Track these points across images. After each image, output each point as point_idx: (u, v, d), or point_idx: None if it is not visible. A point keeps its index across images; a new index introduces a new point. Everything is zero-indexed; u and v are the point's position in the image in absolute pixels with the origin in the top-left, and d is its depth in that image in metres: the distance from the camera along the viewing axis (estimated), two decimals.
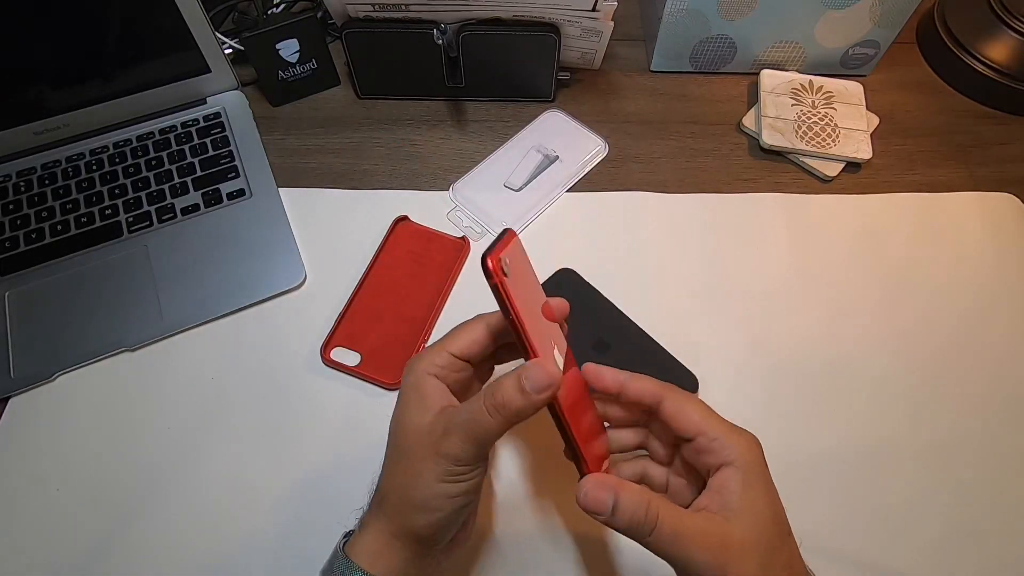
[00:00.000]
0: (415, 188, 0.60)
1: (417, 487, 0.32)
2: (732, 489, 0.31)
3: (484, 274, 0.30)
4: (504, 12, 0.58)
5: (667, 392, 0.34)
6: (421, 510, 0.32)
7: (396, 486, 0.34)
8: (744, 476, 0.31)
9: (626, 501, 0.30)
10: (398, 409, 0.35)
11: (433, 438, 0.32)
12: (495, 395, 0.31)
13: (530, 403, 0.30)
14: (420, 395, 0.34)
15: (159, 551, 0.45)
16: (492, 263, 0.29)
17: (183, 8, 0.56)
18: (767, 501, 0.32)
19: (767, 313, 0.54)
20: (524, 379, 0.30)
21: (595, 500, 0.31)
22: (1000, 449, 0.48)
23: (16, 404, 0.50)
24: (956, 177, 0.62)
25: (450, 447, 0.31)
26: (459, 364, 0.34)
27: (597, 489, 0.31)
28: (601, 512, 0.30)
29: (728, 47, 0.66)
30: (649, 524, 0.30)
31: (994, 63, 0.65)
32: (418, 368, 0.34)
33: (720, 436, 0.32)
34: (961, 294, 0.55)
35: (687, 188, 0.60)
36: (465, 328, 0.35)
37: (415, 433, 0.33)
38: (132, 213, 0.57)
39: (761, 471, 0.32)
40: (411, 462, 0.33)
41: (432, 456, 0.32)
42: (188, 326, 0.52)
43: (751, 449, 0.32)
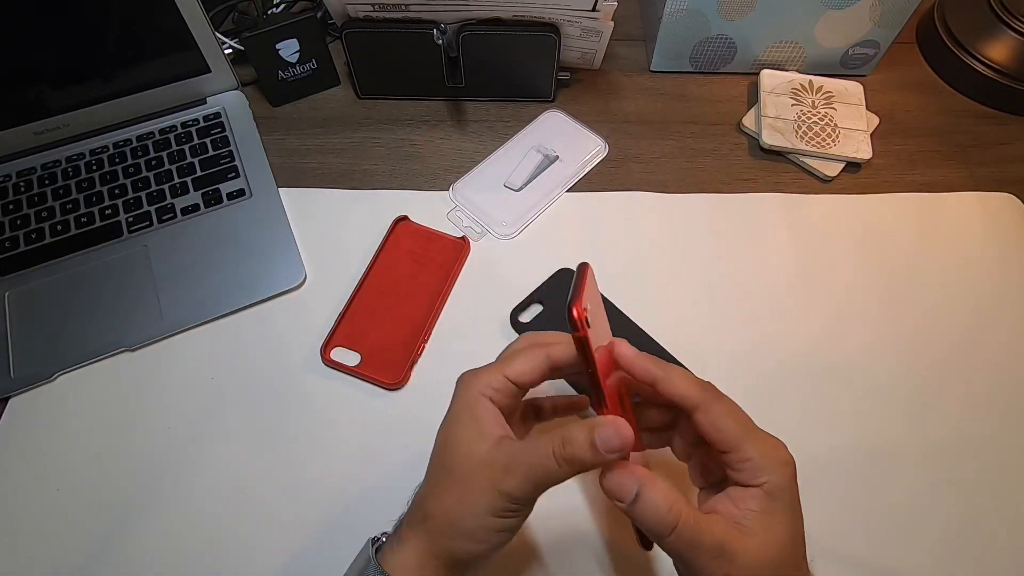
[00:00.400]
0: (415, 188, 0.60)
1: (467, 516, 0.32)
2: (752, 508, 0.30)
3: (570, 326, 0.28)
4: (504, 12, 0.58)
5: (705, 399, 0.32)
6: (467, 539, 0.32)
7: (444, 509, 0.33)
8: (769, 502, 0.31)
9: (650, 495, 0.30)
10: (451, 427, 0.34)
11: (492, 471, 0.31)
12: (566, 448, 0.30)
13: (600, 461, 0.30)
14: (475, 418, 0.33)
15: (159, 551, 0.45)
16: (578, 314, 0.28)
17: (183, 8, 0.56)
18: (787, 528, 0.31)
19: (767, 313, 0.54)
20: (598, 438, 0.30)
21: (618, 486, 0.30)
22: (1002, 448, 0.48)
23: (16, 404, 0.50)
24: (956, 177, 0.62)
25: (510, 487, 0.31)
26: (513, 389, 0.34)
27: (623, 474, 0.30)
28: (623, 499, 0.30)
29: (728, 47, 0.66)
30: (668, 526, 0.29)
31: (994, 63, 0.65)
32: (474, 388, 0.34)
33: (753, 457, 0.31)
34: (961, 294, 0.55)
35: (687, 188, 0.60)
36: (525, 355, 0.34)
37: (470, 460, 0.32)
38: (132, 213, 0.57)
39: (788, 497, 0.31)
40: (464, 490, 0.32)
41: (489, 490, 0.31)
42: (188, 326, 0.52)
43: (784, 474, 0.31)
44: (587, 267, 0.31)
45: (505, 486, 0.31)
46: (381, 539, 0.36)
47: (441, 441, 0.34)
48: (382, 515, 0.37)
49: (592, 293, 0.31)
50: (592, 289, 0.31)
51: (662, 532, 0.30)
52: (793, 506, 0.31)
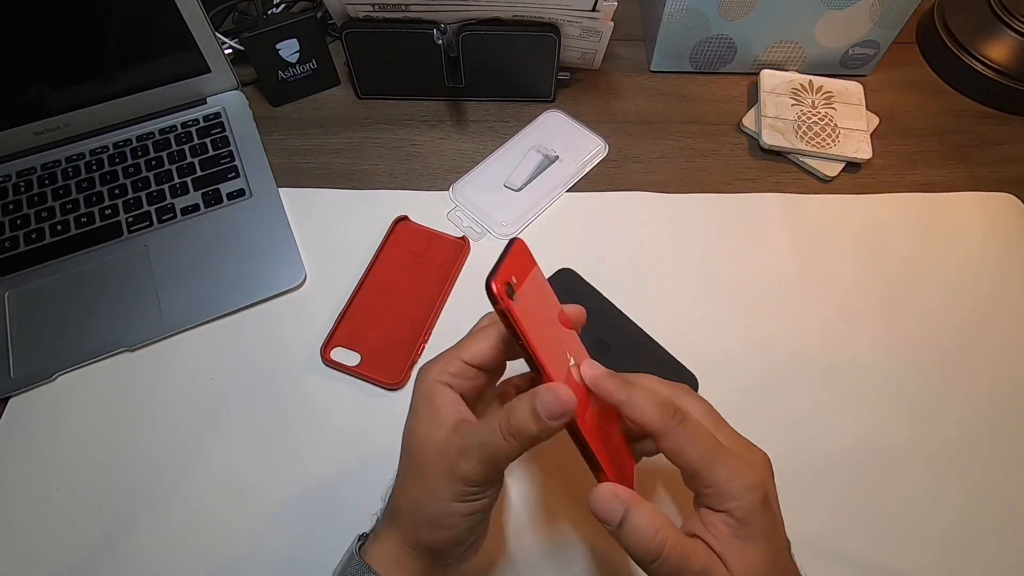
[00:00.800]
0: (415, 188, 0.60)
1: (430, 505, 0.32)
2: (724, 533, 0.30)
3: (489, 300, 0.28)
4: (504, 12, 0.58)
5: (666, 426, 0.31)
6: (434, 527, 0.32)
7: (409, 501, 0.33)
8: (740, 527, 0.30)
9: (635, 520, 0.29)
10: (410, 420, 0.34)
11: (448, 456, 0.31)
12: (510, 420, 0.30)
13: (545, 429, 0.30)
14: (432, 407, 0.33)
15: (159, 550, 0.45)
16: (496, 287, 0.28)
17: (183, 8, 0.56)
18: (763, 554, 0.30)
19: (767, 313, 0.54)
20: (539, 405, 0.29)
21: (605, 509, 0.30)
22: (1003, 447, 0.48)
23: (16, 404, 0.50)
24: (956, 177, 0.62)
25: (465, 469, 0.31)
26: (472, 371, 0.34)
27: (609, 498, 0.30)
28: (608, 522, 0.30)
29: (728, 47, 0.66)
30: (654, 552, 0.29)
31: (994, 63, 0.65)
32: (429, 377, 0.34)
33: (715, 484, 0.30)
34: (961, 294, 0.55)
35: (687, 188, 0.60)
36: (478, 334, 0.34)
37: (429, 449, 0.32)
38: (132, 213, 0.57)
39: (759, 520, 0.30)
40: (425, 479, 0.32)
41: (447, 476, 0.31)
42: (188, 326, 0.52)
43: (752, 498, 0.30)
44: (517, 241, 0.31)
45: (459, 470, 0.31)
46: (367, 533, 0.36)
47: (404, 436, 0.34)
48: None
49: (525, 267, 0.31)
50: (524, 263, 0.31)
51: (647, 558, 0.29)
52: (767, 529, 0.30)
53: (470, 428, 0.32)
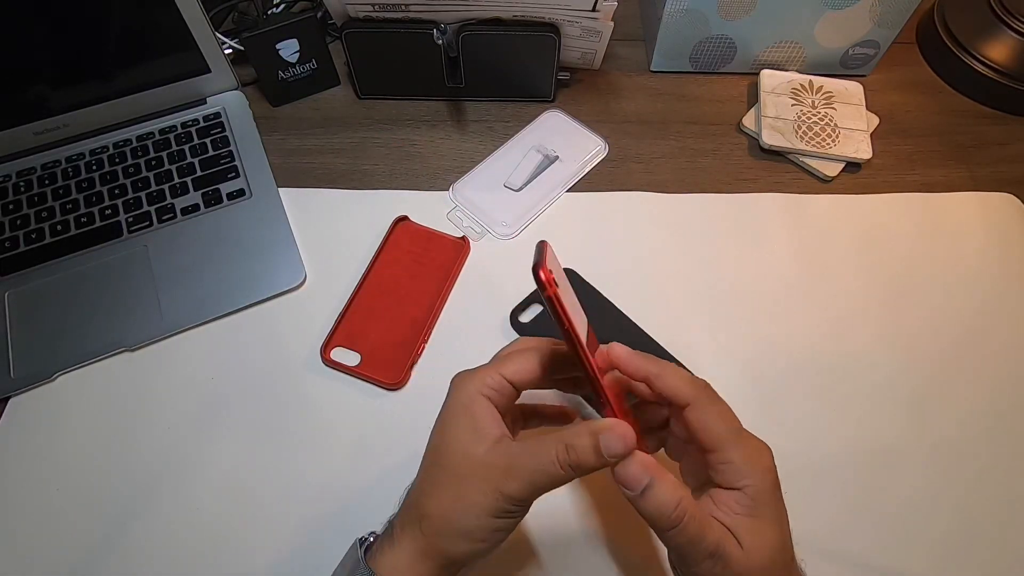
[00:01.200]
0: (415, 188, 0.60)
1: (467, 517, 0.32)
2: (738, 512, 0.31)
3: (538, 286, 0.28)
4: (504, 12, 0.58)
5: (698, 397, 0.32)
6: (465, 539, 0.32)
7: (442, 510, 0.32)
8: (753, 504, 0.31)
9: (659, 490, 0.30)
10: (447, 427, 0.34)
11: (492, 473, 0.31)
12: (571, 454, 0.30)
13: (604, 465, 0.30)
14: (473, 418, 0.33)
15: (159, 550, 0.45)
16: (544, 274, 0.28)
17: (183, 8, 0.56)
18: (774, 531, 0.31)
19: (767, 313, 0.54)
20: (602, 443, 0.30)
21: (631, 476, 0.30)
22: (1003, 448, 0.48)
23: (16, 404, 0.50)
24: (956, 177, 0.62)
25: (512, 489, 0.31)
26: (509, 389, 0.34)
27: (636, 466, 0.30)
28: (632, 489, 0.30)
29: (728, 47, 0.66)
30: (673, 521, 0.30)
31: (994, 63, 0.65)
32: (471, 387, 0.33)
33: (734, 461, 0.31)
34: (962, 294, 0.55)
35: (687, 188, 0.60)
36: (520, 355, 0.34)
37: (469, 461, 0.32)
38: (132, 213, 0.57)
39: (771, 501, 0.31)
40: (464, 491, 0.32)
41: (490, 492, 0.31)
42: (188, 326, 0.52)
43: (764, 479, 0.31)
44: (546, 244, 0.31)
45: (507, 488, 0.31)
46: (369, 539, 0.36)
47: (437, 440, 0.34)
48: (381, 514, 0.37)
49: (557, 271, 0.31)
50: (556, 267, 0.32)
51: (665, 526, 0.30)
52: (777, 511, 0.32)
53: (518, 448, 0.32)
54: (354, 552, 0.35)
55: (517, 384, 0.34)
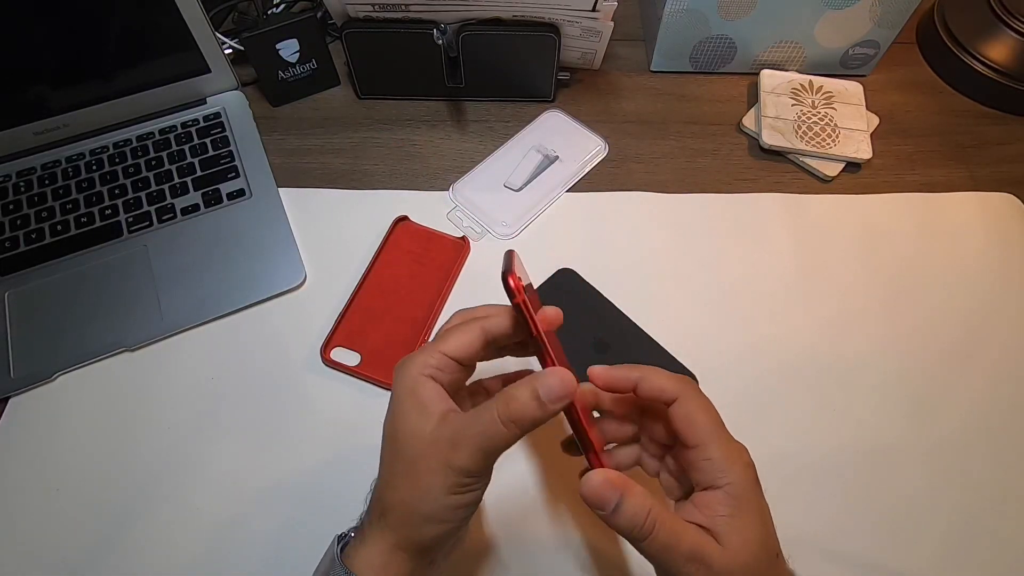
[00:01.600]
0: (415, 188, 0.60)
1: (425, 500, 0.31)
2: (719, 512, 0.31)
3: (507, 294, 0.29)
4: (504, 12, 0.58)
5: (684, 391, 0.33)
6: (430, 522, 0.32)
7: (401, 498, 0.32)
8: (734, 502, 0.31)
9: (629, 504, 0.30)
10: (394, 414, 0.33)
11: (440, 448, 0.31)
12: (511, 407, 0.30)
13: (547, 413, 0.30)
14: (418, 399, 0.32)
15: (158, 550, 0.45)
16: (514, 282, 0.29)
17: (183, 8, 0.56)
18: (755, 528, 0.31)
19: (767, 313, 0.54)
20: (540, 388, 0.30)
21: (600, 497, 0.30)
22: (1003, 448, 0.48)
23: (16, 404, 0.50)
24: (956, 177, 0.62)
25: (461, 460, 0.30)
26: (453, 365, 0.33)
27: (604, 487, 0.30)
28: (603, 508, 0.30)
29: (728, 47, 0.66)
30: (646, 531, 0.30)
31: (994, 63, 0.65)
32: (412, 370, 0.33)
33: (715, 458, 0.31)
34: (962, 294, 0.55)
35: (687, 188, 0.60)
36: (460, 330, 0.34)
37: (418, 442, 0.31)
38: (132, 213, 0.57)
39: (752, 498, 0.31)
40: (417, 474, 0.31)
41: (441, 469, 0.31)
42: (188, 326, 0.52)
43: (744, 476, 0.32)
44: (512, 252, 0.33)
45: (456, 461, 0.30)
46: (349, 535, 0.35)
47: (388, 431, 0.34)
48: None
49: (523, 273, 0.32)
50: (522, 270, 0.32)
51: (639, 537, 0.30)
52: (759, 507, 0.32)
53: (461, 418, 0.32)
54: (331, 550, 0.34)
55: (460, 359, 0.33)
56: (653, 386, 0.33)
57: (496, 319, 0.34)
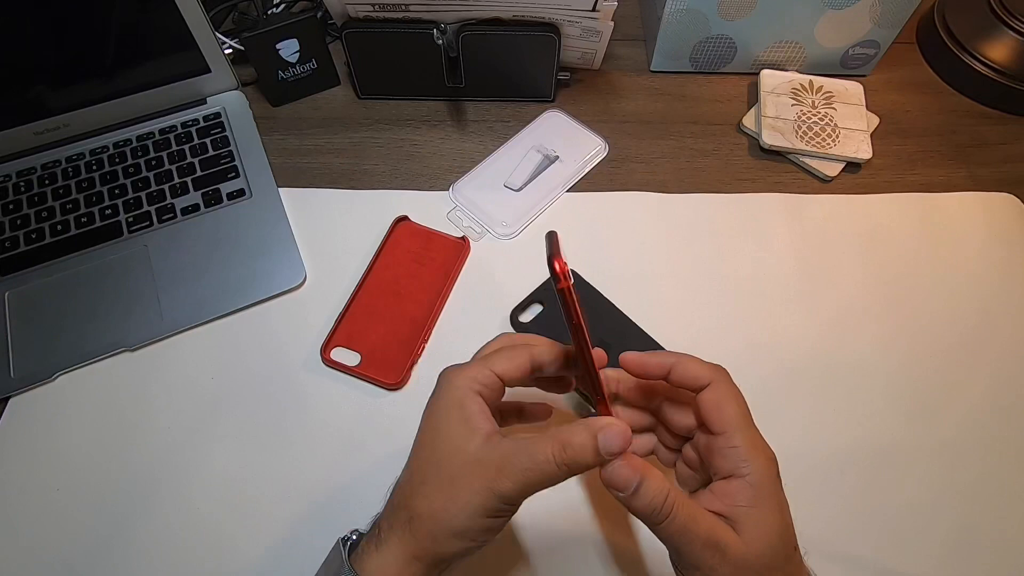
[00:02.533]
0: (415, 188, 0.60)
1: (459, 517, 0.31)
2: (739, 502, 0.31)
3: (552, 279, 0.28)
4: (504, 12, 0.58)
5: (717, 376, 0.33)
6: (458, 539, 0.31)
7: (433, 510, 0.31)
8: (755, 492, 0.31)
9: (648, 486, 0.30)
10: (438, 422, 0.33)
11: (485, 471, 0.31)
12: (567, 452, 0.30)
13: (600, 463, 0.30)
14: (464, 414, 0.32)
15: (158, 550, 0.45)
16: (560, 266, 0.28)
17: (183, 8, 0.56)
18: (775, 520, 0.31)
19: (767, 313, 0.54)
20: (601, 442, 0.30)
21: (621, 478, 0.30)
22: (1005, 448, 0.48)
23: (16, 404, 0.50)
24: (956, 177, 0.62)
25: (505, 487, 0.30)
26: (499, 385, 0.33)
27: (625, 468, 0.31)
28: (623, 490, 0.31)
29: (728, 47, 0.66)
30: (664, 514, 0.30)
31: (994, 63, 0.65)
32: (462, 382, 0.33)
33: (740, 446, 0.32)
34: (962, 294, 0.55)
35: (687, 188, 0.60)
36: (510, 354, 0.34)
37: (461, 457, 0.31)
38: (132, 213, 0.57)
39: (772, 490, 0.32)
40: (456, 490, 0.31)
41: (483, 491, 0.30)
42: (188, 326, 0.52)
43: (767, 468, 0.32)
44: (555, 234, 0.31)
45: (500, 487, 0.30)
46: (351, 537, 0.35)
47: (427, 435, 0.33)
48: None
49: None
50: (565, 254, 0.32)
51: (657, 520, 0.30)
52: (779, 499, 0.32)
53: (510, 445, 0.31)
54: (338, 553, 0.34)
55: (507, 381, 0.34)
56: (687, 372, 0.33)
57: (544, 348, 0.34)
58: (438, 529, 0.31)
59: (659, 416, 0.37)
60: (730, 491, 0.31)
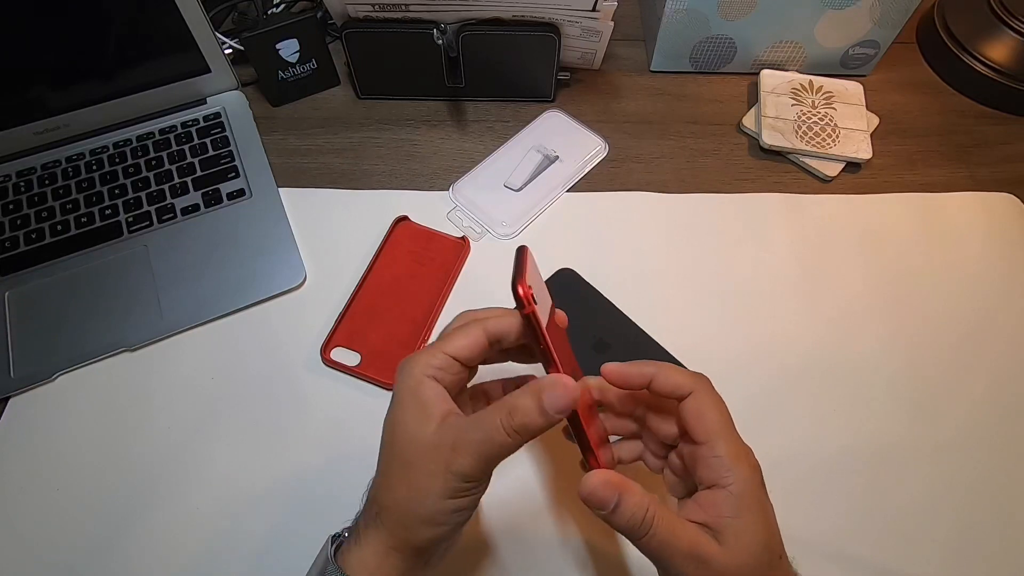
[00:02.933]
0: (415, 188, 0.60)
1: (423, 503, 0.31)
2: (723, 513, 0.31)
3: (516, 304, 0.29)
4: (504, 12, 0.58)
5: (698, 386, 0.33)
6: (427, 524, 0.31)
7: (398, 499, 0.32)
8: (738, 502, 0.31)
9: (628, 503, 0.30)
10: (395, 414, 0.33)
11: (441, 453, 0.31)
12: (515, 418, 0.30)
13: (550, 422, 0.30)
14: (420, 401, 0.32)
15: (158, 550, 0.45)
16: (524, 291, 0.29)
17: (183, 8, 0.56)
18: (758, 529, 0.31)
19: (767, 313, 0.54)
20: (545, 399, 0.30)
21: (599, 497, 0.31)
22: (1005, 448, 0.48)
23: (16, 404, 0.50)
24: (956, 177, 0.62)
25: (461, 465, 0.30)
26: (456, 366, 0.33)
27: (603, 487, 0.31)
28: (603, 508, 0.31)
29: (728, 47, 0.66)
30: (644, 529, 0.30)
31: (994, 63, 0.65)
32: (415, 370, 0.33)
33: (723, 456, 0.32)
34: (961, 294, 0.55)
35: (687, 188, 0.60)
36: (463, 331, 0.34)
37: (419, 444, 0.31)
38: (132, 213, 0.57)
39: (755, 499, 0.32)
40: (416, 476, 0.31)
41: (440, 472, 0.30)
42: (188, 326, 0.52)
43: (751, 476, 0.32)
44: (526, 249, 0.32)
45: (456, 466, 0.30)
46: (343, 535, 0.35)
47: (388, 430, 0.33)
48: None
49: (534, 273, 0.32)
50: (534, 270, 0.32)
51: (638, 535, 0.30)
52: (763, 508, 0.32)
53: (463, 422, 0.31)
54: (325, 549, 0.34)
55: (463, 360, 0.33)
56: (668, 382, 0.33)
57: (499, 320, 0.33)
58: (405, 518, 0.32)
59: (644, 424, 0.37)
60: (714, 501, 0.31)
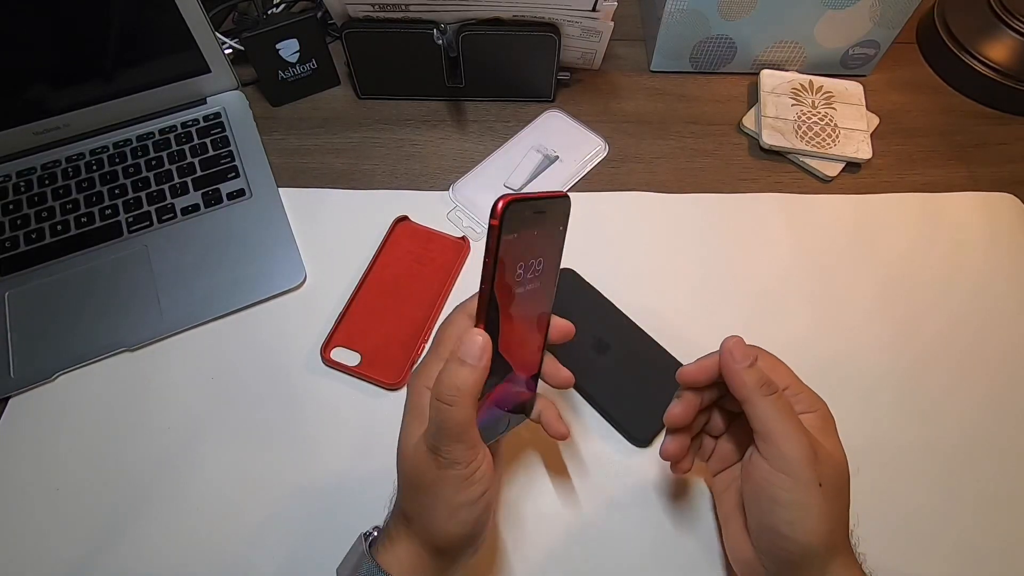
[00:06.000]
0: (415, 188, 0.60)
1: (438, 507, 0.33)
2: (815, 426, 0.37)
3: (491, 213, 0.29)
4: (504, 12, 0.58)
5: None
6: (448, 523, 0.33)
7: (418, 510, 0.34)
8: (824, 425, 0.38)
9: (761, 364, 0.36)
10: (403, 426, 0.35)
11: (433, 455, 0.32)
12: (444, 384, 0.31)
13: (478, 371, 0.31)
14: (418, 412, 0.34)
15: (159, 550, 0.45)
16: (503, 204, 0.29)
17: (183, 8, 0.56)
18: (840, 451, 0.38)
19: (767, 313, 0.54)
20: (461, 355, 0.31)
21: (744, 351, 0.36)
22: (1006, 448, 0.48)
23: (16, 404, 0.50)
24: (956, 177, 0.62)
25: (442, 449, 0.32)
26: None
27: (742, 344, 0.37)
28: (744, 362, 0.36)
29: (728, 47, 0.66)
30: (772, 387, 0.35)
31: (994, 63, 0.65)
32: (418, 383, 0.35)
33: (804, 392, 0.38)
34: (961, 294, 0.55)
35: (687, 188, 0.60)
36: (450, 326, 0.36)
37: (417, 453, 0.33)
38: (132, 213, 0.57)
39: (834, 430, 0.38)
40: (423, 485, 0.33)
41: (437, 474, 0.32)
42: (188, 326, 0.52)
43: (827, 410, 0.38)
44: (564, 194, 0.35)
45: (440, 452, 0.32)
46: (373, 533, 0.37)
47: (398, 445, 0.35)
48: (383, 514, 0.37)
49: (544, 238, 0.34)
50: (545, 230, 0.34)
51: (766, 392, 0.35)
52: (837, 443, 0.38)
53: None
54: (359, 546, 0.36)
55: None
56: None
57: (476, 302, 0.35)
58: (429, 525, 0.33)
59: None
60: (806, 421, 0.36)
